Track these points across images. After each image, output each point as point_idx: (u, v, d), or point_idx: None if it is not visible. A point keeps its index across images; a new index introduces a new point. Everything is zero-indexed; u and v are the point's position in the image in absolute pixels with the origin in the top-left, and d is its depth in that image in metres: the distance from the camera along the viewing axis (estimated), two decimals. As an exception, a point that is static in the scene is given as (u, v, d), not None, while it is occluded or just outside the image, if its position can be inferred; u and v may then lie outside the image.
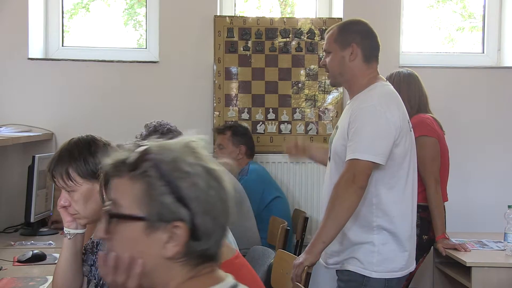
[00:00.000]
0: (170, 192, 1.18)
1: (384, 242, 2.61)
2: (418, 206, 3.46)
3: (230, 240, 2.80)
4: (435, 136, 3.52)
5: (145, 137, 3.58)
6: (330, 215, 2.51)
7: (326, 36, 2.79)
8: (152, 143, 1.25)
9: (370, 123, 2.55)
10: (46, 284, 2.49)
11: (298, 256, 2.67)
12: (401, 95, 3.56)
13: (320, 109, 4.30)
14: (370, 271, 2.60)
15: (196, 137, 1.30)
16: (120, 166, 1.22)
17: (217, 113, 4.24)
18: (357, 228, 2.61)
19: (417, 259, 3.48)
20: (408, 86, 3.60)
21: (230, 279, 1.30)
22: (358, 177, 2.49)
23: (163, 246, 1.18)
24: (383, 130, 2.56)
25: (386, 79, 3.63)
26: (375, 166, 2.53)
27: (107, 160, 1.24)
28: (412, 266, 2.74)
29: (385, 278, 2.61)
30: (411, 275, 3.51)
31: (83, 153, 2.02)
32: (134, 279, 1.19)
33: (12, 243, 3.33)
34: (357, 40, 2.69)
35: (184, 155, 1.22)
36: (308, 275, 2.55)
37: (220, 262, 1.29)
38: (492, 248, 3.56)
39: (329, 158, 2.79)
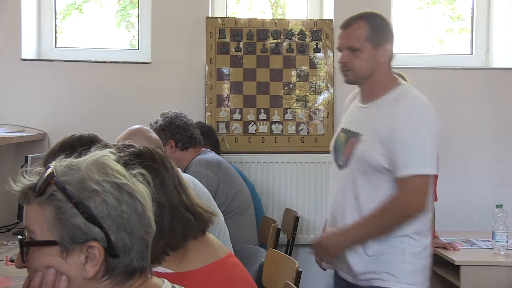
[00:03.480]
0: (80, 213, 1.15)
1: (416, 251, 2.44)
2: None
3: (225, 240, 2.81)
4: None
5: (159, 126, 3.56)
6: (378, 228, 2.36)
7: (348, 31, 2.50)
8: (58, 163, 1.21)
9: (423, 132, 2.38)
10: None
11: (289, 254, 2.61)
12: None
13: (311, 110, 4.30)
14: (404, 284, 2.43)
15: (106, 151, 1.27)
16: (28, 192, 1.20)
17: (209, 113, 4.24)
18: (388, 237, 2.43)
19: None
20: None
21: (166, 284, 1.29)
22: (421, 199, 2.35)
23: (82, 268, 1.17)
24: (435, 138, 2.43)
25: None
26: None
27: (16, 188, 1.22)
28: None
29: None
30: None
31: (83, 148, 2.03)
32: None
33: (5, 242, 3.32)
34: (391, 39, 2.51)
35: (91, 173, 1.19)
36: (299, 273, 2.55)
37: (152, 272, 1.28)
38: (480, 247, 3.58)
39: (340, 165, 2.55)
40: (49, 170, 1.20)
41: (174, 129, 3.55)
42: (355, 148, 2.45)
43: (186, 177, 2.87)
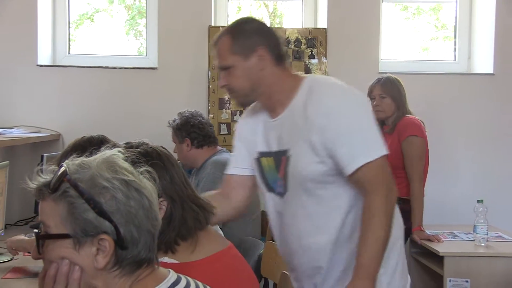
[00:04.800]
0: (91, 208, 1.16)
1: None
2: (400, 199, 3.52)
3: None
4: (424, 137, 3.55)
5: (176, 125, 3.54)
6: (383, 238, 1.85)
7: (216, 50, 2.04)
8: (71, 162, 1.22)
9: (357, 116, 1.91)
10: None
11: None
12: (398, 97, 3.65)
13: (306, 112, 4.29)
14: None
15: (115, 150, 1.28)
16: (43, 189, 1.21)
17: (211, 115, 4.24)
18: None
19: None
20: (399, 89, 3.65)
21: (172, 274, 1.29)
22: (389, 180, 1.89)
23: (94, 259, 1.17)
24: (370, 116, 1.95)
25: (376, 82, 3.66)
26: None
27: (32, 185, 1.22)
28: None
29: None
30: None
31: (94, 148, 2.02)
32: (74, 284, 1.18)
33: (23, 235, 3.32)
34: (261, 42, 1.97)
35: (101, 171, 1.19)
36: None
37: (159, 263, 1.28)
38: (462, 239, 3.58)
39: (280, 193, 2.03)
40: (62, 169, 1.20)
41: (189, 128, 3.52)
42: (287, 167, 1.96)
43: None
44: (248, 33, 1.98)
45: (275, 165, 2.02)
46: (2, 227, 3.08)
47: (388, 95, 3.60)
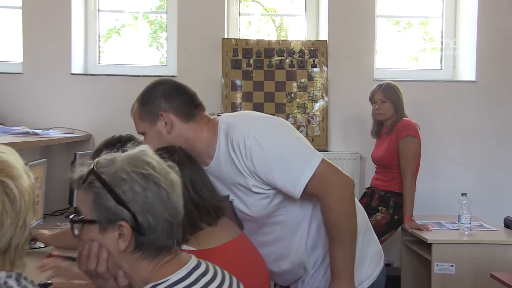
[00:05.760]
0: (112, 198, 1.18)
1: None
2: (394, 193, 3.54)
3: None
4: (419, 139, 3.56)
5: None
6: (351, 239, 1.74)
7: (132, 117, 1.91)
8: (102, 158, 1.25)
9: (278, 144, 1.72)
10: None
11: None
12: (397, 101, 3.65)
13: (309, 115, 4.30)
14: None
15: (144, 146, 1.30)
16: (78, 180, 1.24)
17: (225, 118, 4.24)
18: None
19: (385, 233, 3.52)
20: (398, 94, 3.66)
21: (193, 259, 1.29)
22: (335, 179, 1.73)
23: (116, 243, 1.20)
24: (290, 134, 1.77)
25: (378, 88, 3.66)
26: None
27: (73, 176, 1.26)
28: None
29: None
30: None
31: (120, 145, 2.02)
32: (103, 263, 1.21)
33: (59, 224, 3.34)
34: (163, 107, 1.81)
35: (123, 165, 1.21)
36: None
37: (181, 248, 1.29)
38: (448, 228, 3.58)
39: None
40: (94, 162, 1.24)
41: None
42: (234, 210, 1.83)
43: None
44: (153, 99, 1.83)
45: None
46: (41, 216, 3.10)
47: (389, 100, 3.62)
